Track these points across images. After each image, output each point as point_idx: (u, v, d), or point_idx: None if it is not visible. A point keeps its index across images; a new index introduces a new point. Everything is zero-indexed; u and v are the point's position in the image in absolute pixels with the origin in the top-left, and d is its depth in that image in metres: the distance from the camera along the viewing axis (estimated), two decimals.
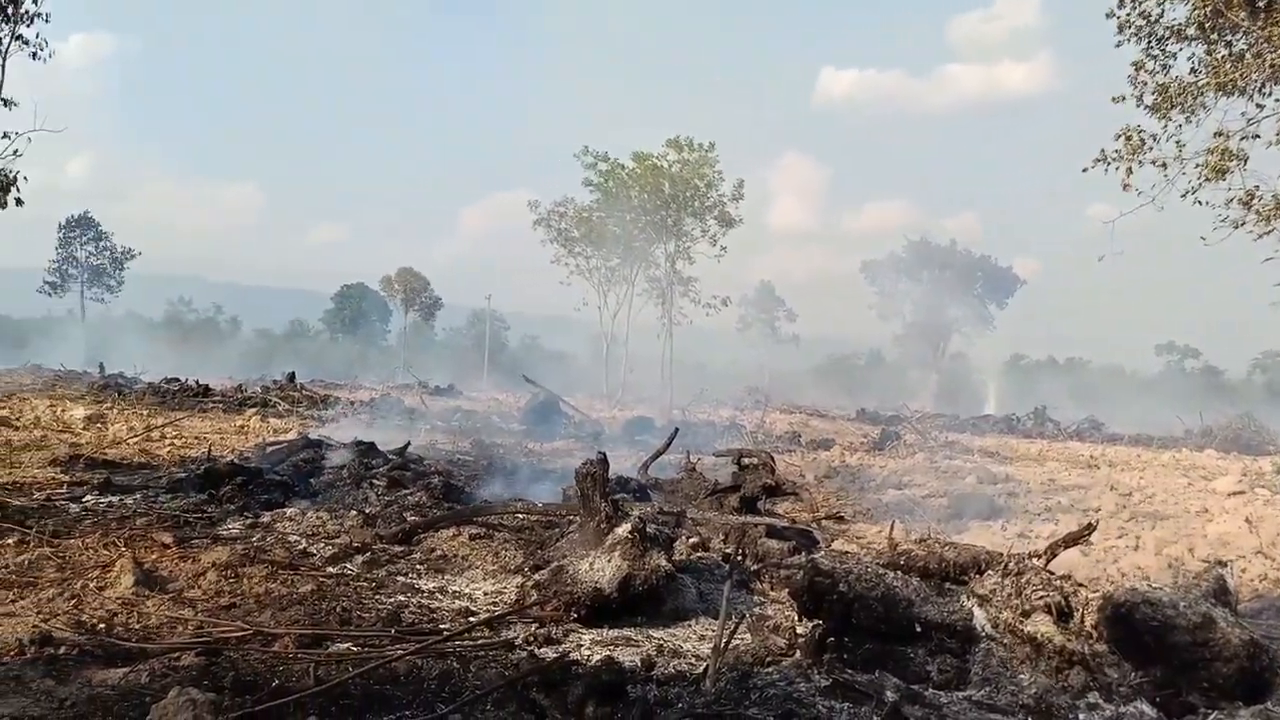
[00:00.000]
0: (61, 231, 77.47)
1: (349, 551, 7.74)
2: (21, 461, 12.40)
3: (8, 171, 18.76)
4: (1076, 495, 14.55)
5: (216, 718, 3.69)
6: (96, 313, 79.30)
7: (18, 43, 18.84)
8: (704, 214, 46.28)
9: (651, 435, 22.36)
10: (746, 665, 5.06)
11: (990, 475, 16.44)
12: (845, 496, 13.57)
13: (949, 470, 17.38)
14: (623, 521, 6.61)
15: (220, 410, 23.73)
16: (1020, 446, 28.40)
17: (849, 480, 15.53)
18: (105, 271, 78.34)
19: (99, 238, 78.50)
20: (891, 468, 17.57)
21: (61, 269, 77.24)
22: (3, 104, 18.71)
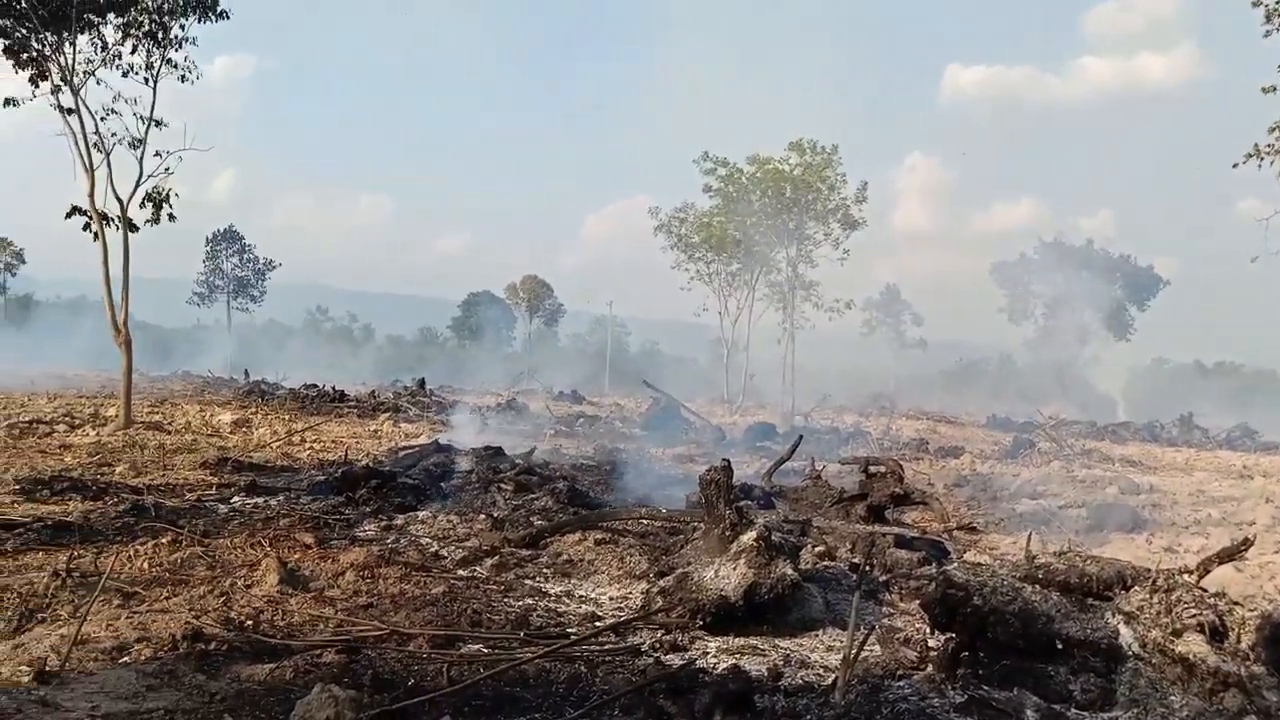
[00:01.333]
0: (209, 245, 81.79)
1: (479, 554, 7.93)
2: (174, 464, 13.13)
3: (161, 188, 19.96)
4: (1228, 508, 13.74)
5: (357, 714, 3.82)
6: (240, 321, 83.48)
7: (168, 66, 20.04)
8: (827, 217, 45.57)
9: (773, 441, 22.18)
10: (877, 678, 4.95)
11: (1133, 485, 15.68)
12: (976, 506, 13.16)
13: (1087, 480, 16.65)
14: (747, 529, 6.57)
15: (355, 415, 24.62)
16: (1165, 455, 27.01)
17: (980, 489, 15.05)
18: (248, 282, 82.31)
19: (243, 250, 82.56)
20: (1025, 476, 16.95)
21: (209, 280, 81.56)
22: (155, 125, 19.93)
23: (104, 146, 19.37)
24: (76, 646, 4.76)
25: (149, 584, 6.33)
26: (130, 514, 8.75)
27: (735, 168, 46.89)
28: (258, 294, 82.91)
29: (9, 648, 4.90)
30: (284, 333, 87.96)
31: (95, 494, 9.82)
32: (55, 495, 9.71)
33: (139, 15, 19.54)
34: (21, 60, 19.06)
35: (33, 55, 19.04)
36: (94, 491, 9.92)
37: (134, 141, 19.64)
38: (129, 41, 19.71)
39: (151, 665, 4.71)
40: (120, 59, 19.72)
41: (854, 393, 50.44)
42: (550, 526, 8.89)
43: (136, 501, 9.34)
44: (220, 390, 33.99)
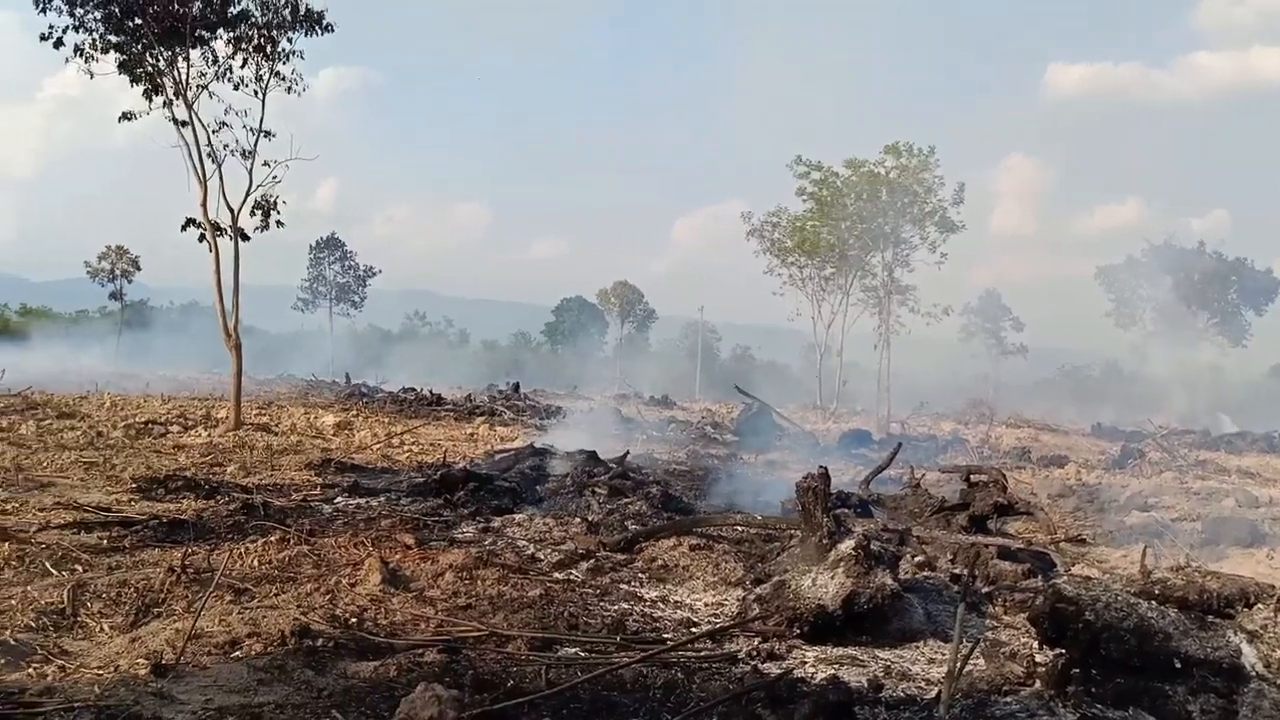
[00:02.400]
0: (312, 252, 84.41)
1: (574, 558, 7.98)
2: (281, 465, 13.55)
3: (269, 197, 20.71)
4: None
5: (459, 714, 3.87)
6: (342, 326, 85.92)
7: (276, 79, 20.78)
8: (923, 220, 44.77)
9: (868, 449, 21.82)
10: (982, 693, 4.82)
11: (1251, 498, 14.95)
12: (1083, 518, 12.72)
13: (1202, 491, 15.95)
14: (845, 538, 6.46)
15: (452, 418, 25.08)
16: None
17: (1086, 500, 14.54)
18: (350, 288, 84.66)
19: (344, 257, 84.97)
20: (1135, 487, 16.31)
21: (312, 286, 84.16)
22: (264, 136, 20.69)
23: (216, 158, 20.18)
24: (191, 641, 4.93)
25: (259, 581, 6.53)
26: (240, 513, 9.05)
27: (830, 171, 46.42)
28: (358, 300, 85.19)
29: (127, 641, 5.10)
30: (383, 337, 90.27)
31: (207, 493, 10.19)
32: (170, 494, 10.12)
33: (248, 30, 20.32)
34: (136, 76, 19.99)
35: (147, 71, 19.94)
36: (206, 491, 10.30)
37: (244, 152, 20.42)
38: (239, 56, 20.51)
39: (262, 660, 4.85)
40: (231, 73, 20.54)
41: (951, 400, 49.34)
42: (645, 531, 8.89)
43: (246, 501, 9.66)
44: (323, 393, 34.99)
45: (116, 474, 11.54)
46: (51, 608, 5.58)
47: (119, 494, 10.16)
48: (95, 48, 19.71)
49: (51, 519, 8.32)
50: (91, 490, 10.33)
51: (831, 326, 50.85)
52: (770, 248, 51.05)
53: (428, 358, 67.36)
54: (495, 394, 34.64)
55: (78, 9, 19.37)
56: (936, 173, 44.11)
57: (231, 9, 20.20)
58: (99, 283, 70.51)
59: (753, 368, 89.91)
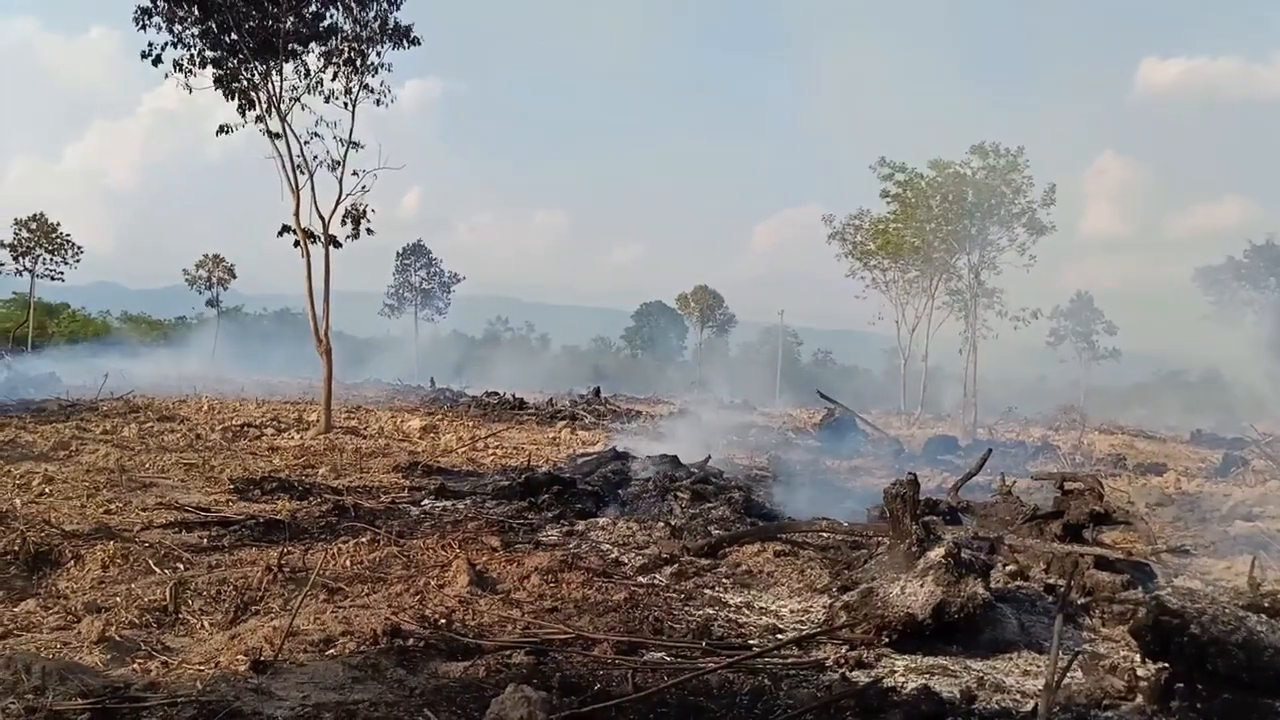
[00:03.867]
0: (398, 259, 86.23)
1: (658, 562, 7.97)
2: (370, 467, 13.85)
3: (359, 205, 21.21)
4: None
5: (548, 716, 3.89)
6: (427, 332, 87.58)
7: (365, 91, 21.27)
8: (1011, 221, 43.70)
9: (954, 455, 21.38)
10: (1081, 707, 4.69)
11: None
12: (1183, 527, 12.25)
13: None
14: (935, 545, 6.34)
15: (534, 422, 25.33)
16: None
17: (1187, 509, 14.01)
18: (434, 294, 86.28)
19: (429, 264, 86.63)
20: (1238, 496, 15.66)
21: (398, 293, 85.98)
22: (354, 146, 21.21)
23: (308, 168, 20.75)
24: (288, 638, 5.06)
25: (351, 581, 6.68)
26: (332, 514, 9.28)
27: (914, 173, 45.67)
28: (442, 305, 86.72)
29: (226, 638, 5.26)
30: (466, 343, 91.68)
31: (301, 494, 10.48)
32: (265, 495, 10.43)
33: (339, 44, 20.86)
34: (232, 90, 20.66)
35: (242, 85, 20.60)
36: (300, 492, 10.59)
37: (334, 163, 20.97)
38: (330, 69, 21.06)
39: (355, 658, 4.95)
40: (321, 86, 21.09)
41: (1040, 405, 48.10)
42: (729, 536, 8.85)
43: (338, 502, 9.90)
44: (408, 397, 35.69)
45: (215, 475, 11.93)
46: (154, 605, 5.79)
47: (217, 494, 10.51)
48: (193, 63, 20.44)
49: (154, 519, 8.65)
50: (191, 491, 10.70)
51: (915, 330, 50.04)
52: (852, 250, 50.49)
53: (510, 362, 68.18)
54: (576, 398, 34.89)
55: (176, 25, 20.12)
56: (1025, 173, 43.04)
57: (323, 23, 20.77)
58: (197, 290, 73.07)
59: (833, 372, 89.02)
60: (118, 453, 13.25)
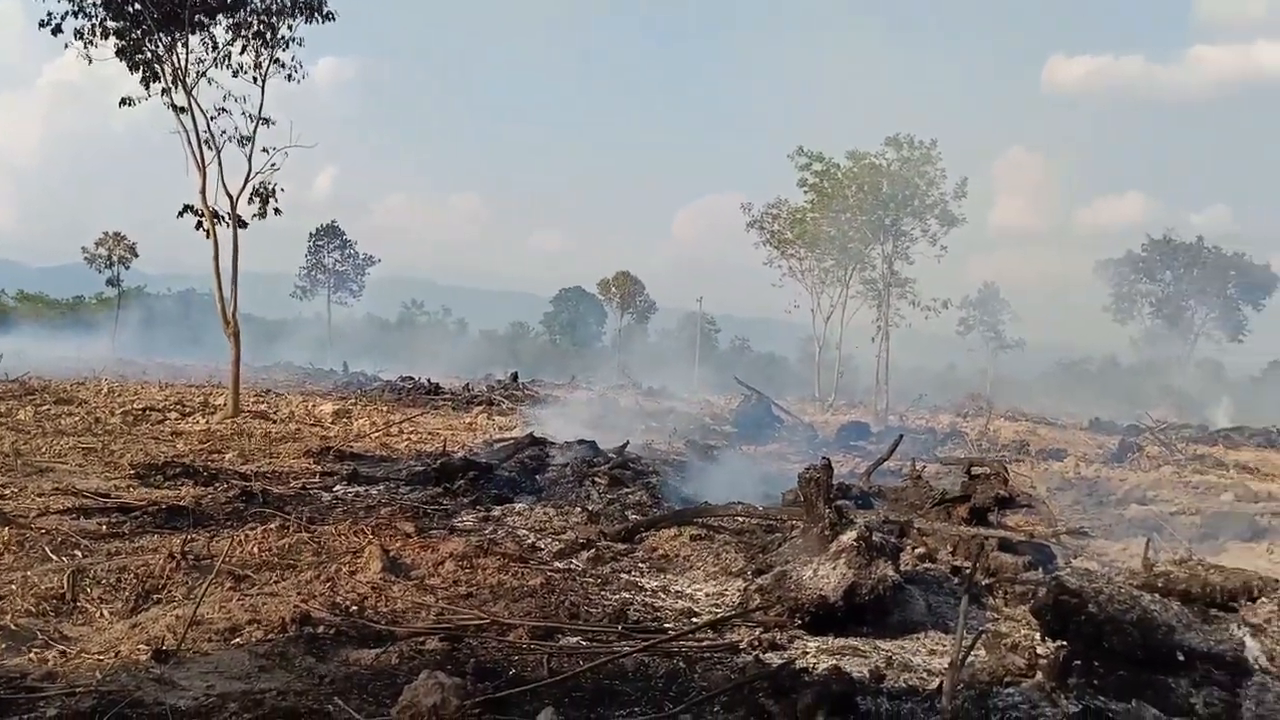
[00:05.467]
0: (311, 240, 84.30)
1: (575, 547, 7.97)
2: (279, 452, 13.53)
3: (268, 184, 20.64)
4: None
5: (462, 702, 3.85)
6: (340, 315, 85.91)
7: (275, 66, 20.68)
8: (924, 213, 44.73)
9: (867, 441, 21.84)
10: (984, 684, 4.81)
11: (1250, 493, 14.98)
12: (1082, 511, 12.72)
13: (1200, 485, 15.97)
14: (847, 528, 6.45)
15: (450, 407, 25.05)
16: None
17: (1085, 494, 14.55)
18: (348, 277, 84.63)
19: (343, 246, 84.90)
20: (1134, 481, 16.32)
21: (311, 274, 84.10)
22: (263, 123, 20.62)
23: (215, 144, 20.09)
24: (191, 627, 4.92)
25: (259, 568, 6.52)
26: (239, 500, 9.04)
27: (831, 163, 46.35)
28: (356, 288, 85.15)
29: (127, 627, 5.09)
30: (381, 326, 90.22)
31: (206, 480, 10.18)
32: (168, 481, 10.10)
33: (248, 16, 20.22)
34: (135, 62, 19.88)
35: (146, 57, 19.83)
36: (205, 477, 10.29)
37: (243, 139, 20.34)
38: (238, 42, 20.40)
39: (263, 647, 4.84)
40: (230, 59, 20.42)
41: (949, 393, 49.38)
42: (646, 521, 8.89)
43: (245, 488, 9.65)
44: (320, 381, 34.98)
45: (115, 460, 11.53)
46: (52, 593, 5.57)
47: (117, 480, 10.16)
48: (94, 33, 19.60)
49: (50, 504, 8.31)
50: (90, 476, 10.32)
51: (830, 319, 50.88)
52: (770, 239, 51.03)
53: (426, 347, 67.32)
54: (493, 384, 34.60)
55: None
56: (939, 165, 44.07)
57: None
58: (96, 269, 70.27)
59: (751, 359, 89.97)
60: (12, 436, 12.70)
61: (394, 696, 4.05)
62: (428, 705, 3.81)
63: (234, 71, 20.48)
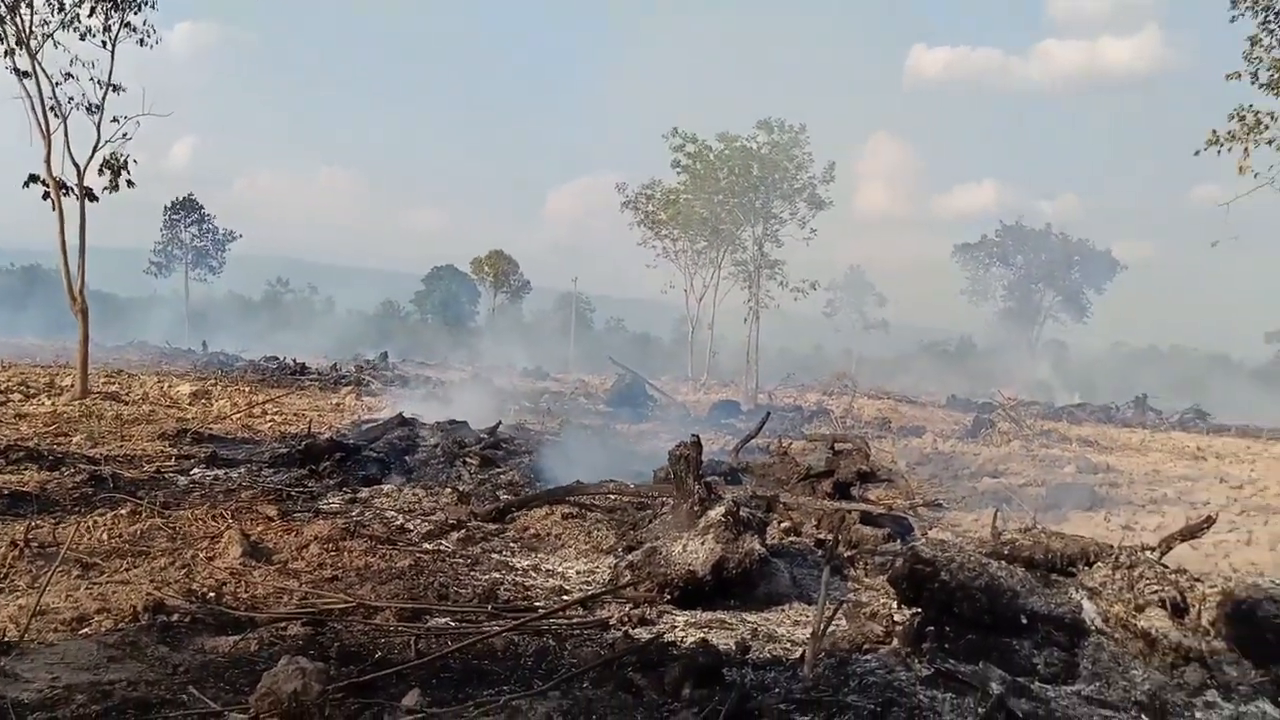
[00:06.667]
0: (166, 214, 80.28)
1: (445, 528, 7.88)
2: (131, 435, 12.90)
3: (119, 155, 19.52)
4: (1183, 487, 14.03)
5: (325, 686, 3.77)
6: (199, 293, 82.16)
7: (126, 29, 19.55)
8: (793, 196, 45.71)
9: (737, 419, 22.26)
10: (844, 652, 4.98)
11: (1090, 465, 15.94)
12: (939, 484, 13.31)
13: (1046, 459, 16.91)
14: (716, 504, 6.58)
15: (317, 388, 24.38)
16: (1120, 436, 27.48)
17: (942, 468, 15.22)
18: (207, 253, 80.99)
19: (202, 220, 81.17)
20: (986, 455, 17.17)
21: (166, 250, 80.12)
22: (113, 90, 19.48)
23: (61, 111, 18.87)
24: (36, 617, 4.67)
25: (108, 555, 6.22)
26: (88, 485, 8.60)
27: (703, 145, 46.83)
28: (216, 265, 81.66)
29: None
30: (244, 305, 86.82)
31: (52, 464, 9.62)
32: (11, 465, 9.50)
33: None
34: None
35: None
36: (50, 462, 9.72)
37: (91, 106, 19.18)
38: (86, 4, 19.18)
39: (112, 637, 4.63)
40: (78, 21, 19.19)
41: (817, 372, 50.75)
42: (517, 501, 8.86)
43: (94, 472, 9.17)
44: (177, 361, 33.52)
45: None
46: None
47: None
48: None
49: None
50: None
51: (703, 300, 51.57)
52: (644, 220, 51.28)
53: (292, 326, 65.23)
54: (363, 363, 33.82)
55: None
56: (806, 149, 45.05)
57: None
58: None
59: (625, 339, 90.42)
60: None
61: (253, 684, 3.92)
62: (288, 691, 3.71)
63: (82, 34, 19.25)
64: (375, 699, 4.01)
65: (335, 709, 3.82)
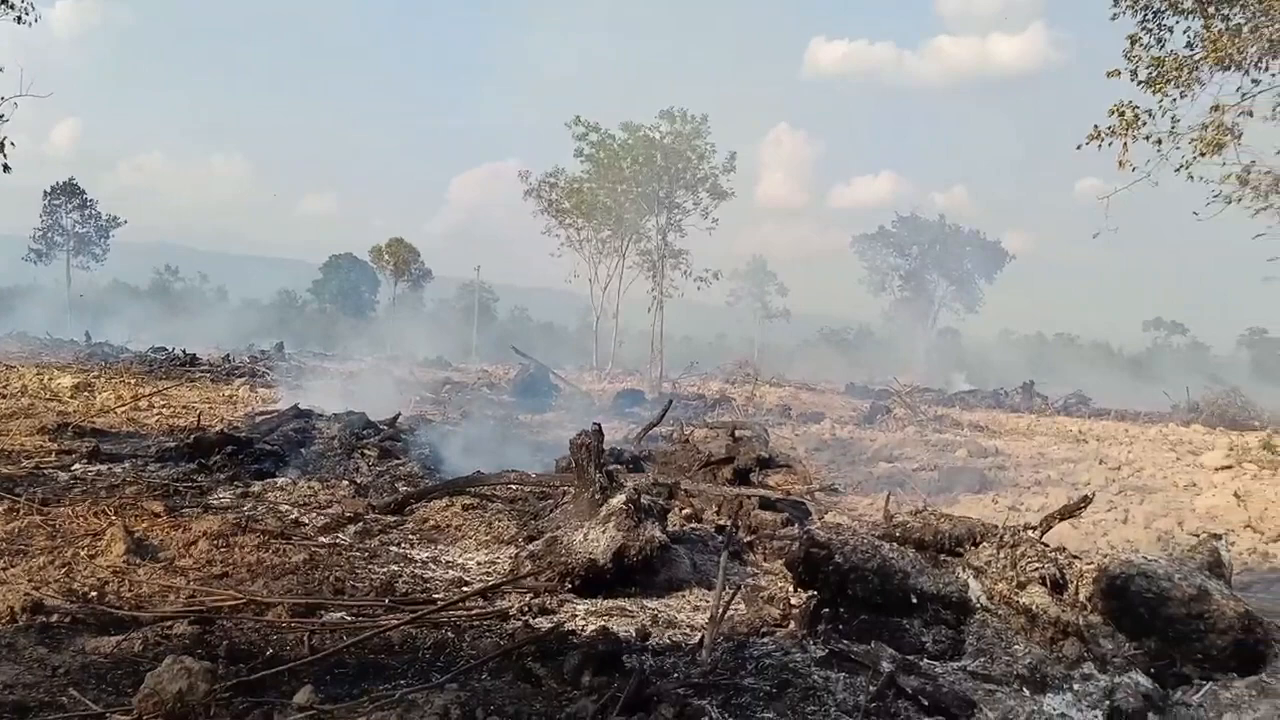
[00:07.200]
0: (46, 199, 76.54)
1: (341, 521, 7.72)
2: (9, 429, 12.29)
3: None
4: (1065, 469, 14.62)
5: (211, 686, 3.67)
6: (82, 281, 78.56)
7: (3, 7, 18.57)
8: (696, 186, 46.05)
9: (641, 408, 22.35)
10: (742, 635, 5.06)
11: (980, 449, 16.50)
12: (836, 469, 13.60)
13: (939, 444, 17.43)
14: (617, 492, 6.59)
15: (208, 380, 23.62)
16: (1009, 421, 28.52)
17: (840, 453, 15.56)
18: (90, 240, 77.51)
19: (84, 205, 77.62)
20: (882, 441, 17.61)
21: (47, 237, 76.40)
22: None
23: None
24: None
25: None
26: None
27: (607, 134, 46.80)
28: (100, 252, 78.25)
29: None
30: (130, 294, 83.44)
31: None
32: None
33: None
34: None
35: None
36: None
37: None
38: None
39: None
40: None
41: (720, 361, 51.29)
42: (416, 492, 8.74)
43: None
44: (59, 352, 32.07)
45: None
46: None
47: None
48: None
49: None
50: None
51: (608, 289, 51.62)
52: (548, 208, 51.00)
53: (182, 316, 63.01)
54: (257, 354, 32.88)
55: None
56: (709, 140, 45.41)
57: None
58: None
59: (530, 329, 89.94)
60: None
61: (136, 685, 3.79)
62: (173, 692, 3.60)
63: None
64: (266, 697, 3.92)
65: (223, 709, 3.71)
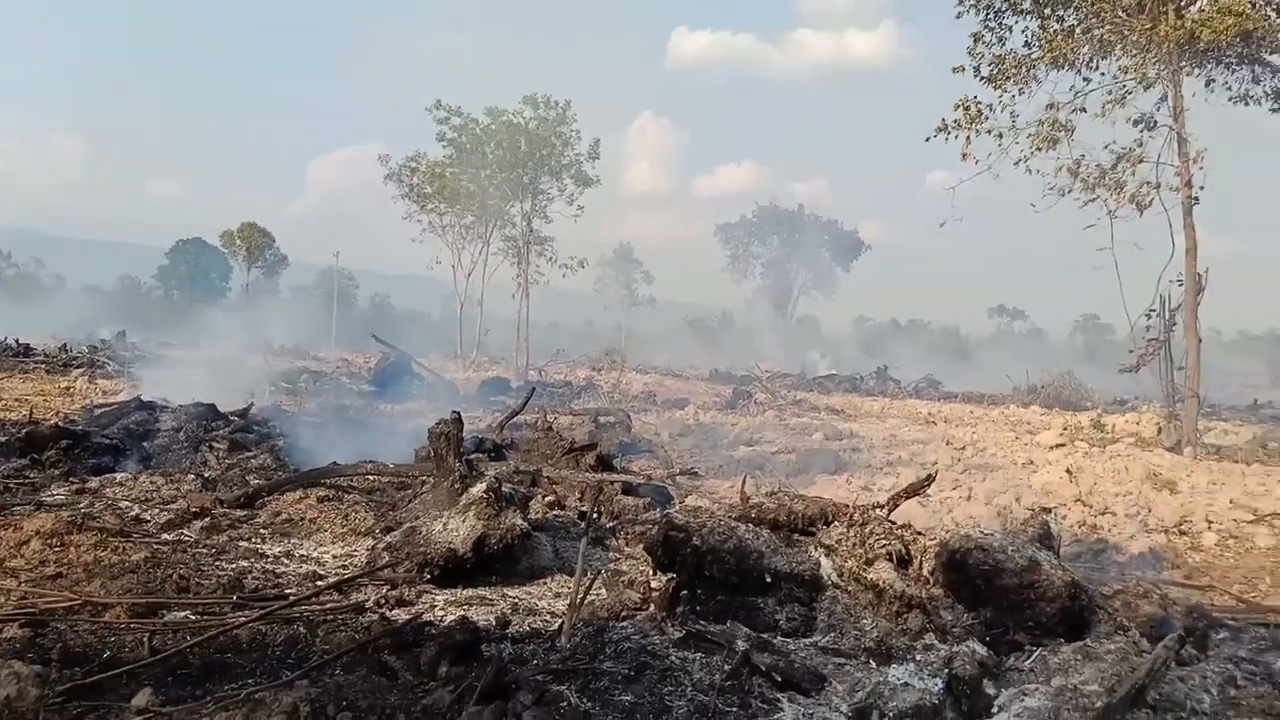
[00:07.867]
0: None
1: (186, 517, 7.39)
2: None
3: None
4: (915, 450, 15.25)
5: (43, 690, 3.47)
6: None
7: None
8: (561, 173, 45.90)
9: (507, 396, 22.20)
10: (602, 620, 5.10)
11: (836, 432, 17.04)
12: (699, 453, 13.82)
13: (797, 427, 17.93)
14: (477, 481, 6.54)
15: (43, 371, 22.28)
16: (864, 404, 29.57)
17: (702, 438, 15.82)
18: None
19: None
20: (743, 425, 17.99)
21: None
22: None
23: None
24: None
25: None
26: None
27: (470, 118, 46.14)
28: None
29: None
30: None
31: None
32: None
33: None
34: None
35: None
36: None
37: None
38: None
39: None
40: None
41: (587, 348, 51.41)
42: (268, 485, 8.45)
43: None
44: None
45: None
46: None
47: None
48: None
49: None
50: None
51: (472, 276, 50.99)
52: (409, 193, 49.96)
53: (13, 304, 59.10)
54: (98, 344, 31.17)
55: None
56: (574, 126, 45.31)
57: None
58: None
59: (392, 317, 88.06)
60: None
61: None
62: (1, 698, 3.39)
63: None
64: (102, 701, 3.73)
65: (55, 714, 3.53)
